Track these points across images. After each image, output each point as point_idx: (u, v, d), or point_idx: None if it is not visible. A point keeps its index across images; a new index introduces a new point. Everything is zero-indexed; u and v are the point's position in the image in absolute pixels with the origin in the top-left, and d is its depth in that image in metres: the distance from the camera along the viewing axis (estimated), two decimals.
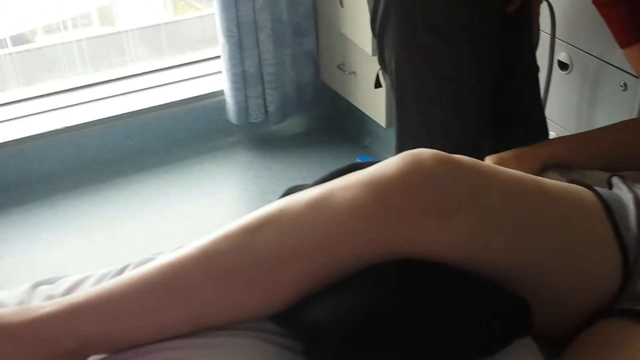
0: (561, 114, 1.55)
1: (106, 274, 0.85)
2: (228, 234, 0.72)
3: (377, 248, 0.70)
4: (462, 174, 0.72)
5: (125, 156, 2.14)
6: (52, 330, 0.68)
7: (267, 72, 2.09)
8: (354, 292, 0.69)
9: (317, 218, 0.71)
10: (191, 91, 2.19)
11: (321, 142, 2.26)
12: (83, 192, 2.03)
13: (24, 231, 1.89)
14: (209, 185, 2.05)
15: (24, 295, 0.82)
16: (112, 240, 1.85)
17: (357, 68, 2.06)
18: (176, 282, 0.70)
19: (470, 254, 0.72)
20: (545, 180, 0.81)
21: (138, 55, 2.33)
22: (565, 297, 0.78)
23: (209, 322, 0.73)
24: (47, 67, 2.25)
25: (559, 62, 1.50)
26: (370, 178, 0.71)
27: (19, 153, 2.00)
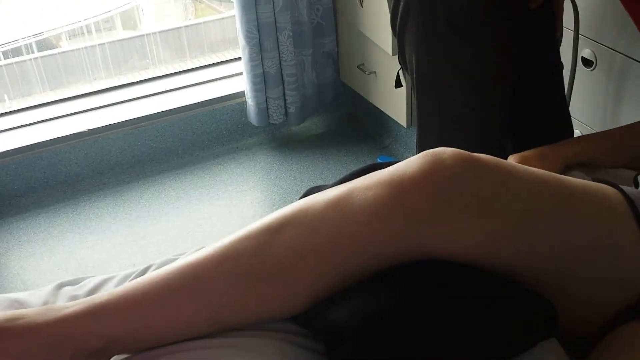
0: (586, 112, 1.53)
1: (129, 274, 0.85)
2: (249, 235, 0.72)
3: (399, 248, 0.70)
4: (484, 173, 0.71)
5: (148, 158, 2.16)
6: (76, 330, 0.68)
7: (287, 73, 2.10)
8: (375, 293, 0.69)
9: (337, 218, 0.70)
10: (212, 93, 2.20)
11: (341, 142, 2.25)
12: (106, 193, 2.05)
13: (49, 231, 1.92)
14: (230, 186, 2.06)
15: (49, 296, 0.82)
16: (134, 240, 1.87)
17: (377, 68, 2.05)
18: (198, 283, 0.71)
19: (492, 254, 0.71)
20: (569, 179, 0.79)
21: (160, 58, 2.35)
22: (591, 298, 0.77)
23: (230, 322, 0.73)
24: (71, 71, 2.28)
25: (583, 59, 1.47)
26: (390, 178, 0.70)
27: (44, 155, 2.03)
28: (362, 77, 2.14)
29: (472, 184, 0.70)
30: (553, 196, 0.75)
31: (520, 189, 0.73)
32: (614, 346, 0.73)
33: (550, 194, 0.75)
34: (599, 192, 0.80)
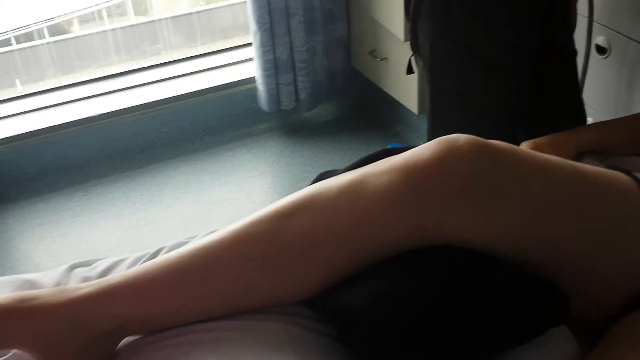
0: (599, 99, 1.52)
1: (141, 257, 0.86)
2: (261, 219, 0.72)
3: (412, 234, 0.70)
4: (498, 160, 0.70)
5: (159, 143, 2.16)
6: (90, 311, 0.69)
7: (298, 59, 2.09)
8: (387, 278, 0.69)
9: (350, 204, 0.70)
10: (223, 79, 2.20)
11: (352, 129, 2.25)
12: (118, 178, 2.06)
13: (61, 215, 1.93)
14: (240, 172, 2.07)
15: (61, 277, 0.83)
16: (145, 225, 1.88)
17: (389, 54, 2.04)
18: (210, 266, 0.71)
19: (505, 241, 0.71)
20: (583, 166, 0.79)
21: (171, 44, 2.35)
22: (602, 286, 0.77)
23: (242, 306, 0.73)
24: (82, 56, 2.29)
25: (597, 47, 1.46)
26: (404, 164, 0.70)
27: (57, 140, 2.04)
28: (373, 63, 2.13)
29: (487, 170, 0.69)
30: (567, 183, 0.74)
31: (534, 175, 0.72)
32: (623, 334, 0.73)
33: (563, 180, 0.74)
34: (613, 178, 0.79)
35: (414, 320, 0.66)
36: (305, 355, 0.69)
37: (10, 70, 2.25)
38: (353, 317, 0.67)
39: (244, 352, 0.69)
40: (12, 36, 2.28)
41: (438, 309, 0.66)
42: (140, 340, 0.73)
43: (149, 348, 0.71)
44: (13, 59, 2.24)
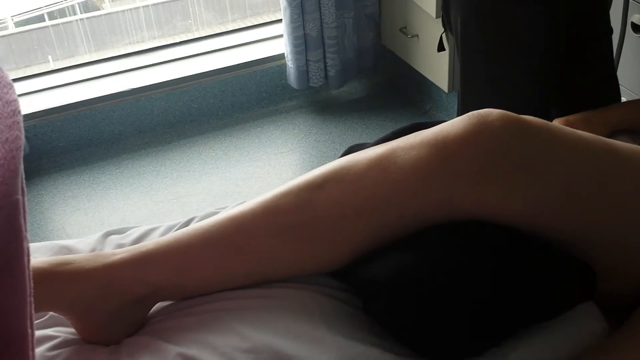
0: (634, 79, 1.49)
1: (173, 225, 0.87)
2: (291, 190, 0.73)
3: (440, 208, 0.70)
4: (531, 136, 0.70)
5: (189, 119, 2.18)
6: (123, 276, 0.71)
7: (328, 35, 2.08)
8: (412, 251, 0.69)
9: (380, 177, 0.70)
10: (253, 55, 2.20)
11: (381, 107, 2.24)
12: (148, 152, 2.09)
13: (93, 188, 1.97)
14: (269, 148, 2.08)
15: (96, 243, 0.85)
16: (175, 199, 1.91)
17: (420, 31, 2.02)
18: (239, 236, 0.72)
19: (534, 216, 0.70)
20: (617, 143, 0.78)
21: (202, 20, 2.36)
22: (634, 263, 0.76)
23: (271, 275, 0.74)
24: (114, 32, 2.31)
25: (633, 25, 1.42)
26: (435, 138, 0.70)
27: (89, 114, 2.07)
28: (404, 40, 2.11)
29: (519, 145, 0.69)
30: (601, 161, 0.74)
31: (566, 151, 0.72)
32: None
33: (598, 158, 0.73)
34: None
35: (438, 293, 0.66)
36: (334, 325, 0.70)
37: (43, 45, 2.29)
38: (378, 289, 0.68)
39: (274, 320, 0.70)
40: (45, 12, 2.30)
41: (462, 282, 0.67)
42: (172, 306, 0.75)
43: (180, 314, 0.73)
44: (46, 35, 2.27)
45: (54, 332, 0.73)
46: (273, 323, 0.69)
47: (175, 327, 0.71)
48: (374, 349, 0.67)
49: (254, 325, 0.68)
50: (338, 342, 0.67)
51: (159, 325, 0.73)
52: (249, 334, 0.67)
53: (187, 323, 0.71)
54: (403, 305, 0.67)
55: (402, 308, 0.67)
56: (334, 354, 0.65)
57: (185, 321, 0.72)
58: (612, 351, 0.69)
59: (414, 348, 0.69)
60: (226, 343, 0.67)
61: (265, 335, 0.67)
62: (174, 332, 0.71)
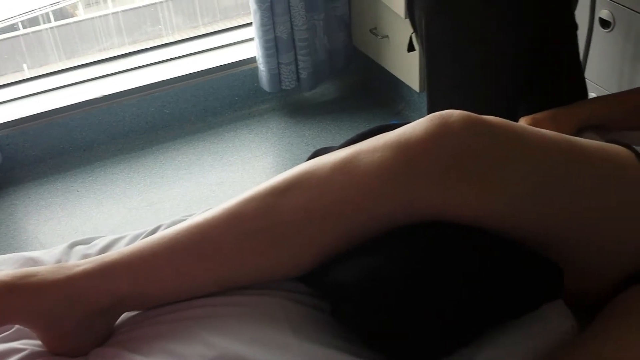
0: (602, 74, 1.50)
1: (139, 234, 0.87)
2: (255, 196, 0.73)
3: (404, 210, 0.70)
4: (492, 136, 0.70)
5: (161, 124, 2.17)
6: (87, 287, 0.70)
7: (299, 37, 2.08)
8: (380, 254, 0.69)
9: (344, 180, 0.70)
10: (224, 59, 2.20)
11: (354, 108, 2.24)
12: (121, 159, 2.07)
13: (66, 196, 1.95)
14: (242, 152, 2.07)
15: (62, 254, 0.84)
16: (149, 205, 1.89)
17: (390, 32, 2.03)
18: (205, 244, 0.72)
19: (499, 216, 0.71)
20: (581, 141, 0.78)
21: (172, 25, 2.35)
22: (601, 261, 0.77)
23: (238, 281, 0.74)
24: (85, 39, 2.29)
25: (601, 20, 1.44)
26: (397, 140, 0.70)
27: (61, 122, 2.05)
28: (374, 41, 2.12)
29: (480, 146, 0.69)
30: (564, 158, 0.74)
31: (529, 151, 0.72)
32: (621, 309, 0.73)
33: (560, 155, 0.74)
34: (612, 152, 0.79)
35: (405, 294, 0.66)
36: (301, 330, 0.70)
37: (16, 54, 2.26)
38: (345, 293, 0.67)
39: (241, 327, 0.70)
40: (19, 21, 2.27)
41: (430, 283, 0.67)
42: (138, 316, 0.75)
43: (147, 323, 0.72)
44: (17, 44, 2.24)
45: (21, 344, 0.73)
46: (240, 330, 0.68)
47: (142, 336, 0.71)
48: (342, 353, 0.67)
49: (221, 333, 0.68)
50: (305, 347, 0.66)
51: (125, 336, 0.72)
52: (215, 342, 0.67)
53: (154, 332, 0.70)
54: (371, 308, 0.67)
55: (370, 311, 0.67)
56: (300, 359, 0.65)
57: (152, 330, 0.71)
58: (581, 349, 0.69)
59: (382, 351, 0.69)
60: (193, 352, 0.66)
61: (231, 343, 0.67)
62: (140, 342, 0.70)
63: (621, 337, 0.67)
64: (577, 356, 0.68)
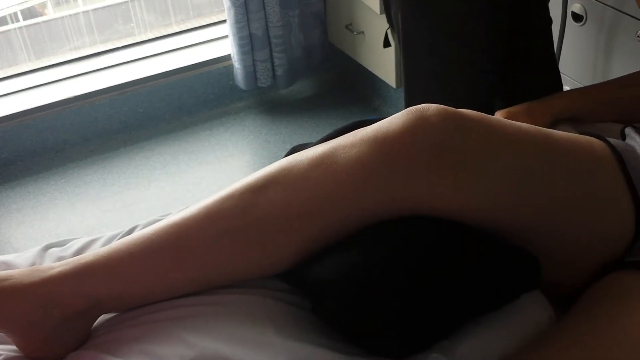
0: (576, 68, 1.52)
1: (115, 235, 0.85)
2: (233, 194, 0.72)
3: (383, 205, 0.70)
4: (468, 129, 0.70)
5: (135, 124, 2.14)
6: (63, 290, 0.69)
7: (274, 34, 2.07)
8: (359, 249, 0.69)
9: (322, 177, 0.70)
10: (199, 57, 2.17)
11: (331, 104, 2.24)
12: (94, 160, 2.04)
13: (38, 199, 1.91)
14: (219, 151, 2.05)
15: (35, 257, 0.82)
16: (124, 206, 1.87)
17: (366, 27, 2.03)
18: (182, 242, 0.71)
19: (477, 209, 0.71)
20: (556, 133, 0.79)
21: (145, 23, 2.31)
22: (577, 251, 0.77)
23: (217, 281, 0.73)
24: (55, 39, 2.25)
25: (573, 14, 1.46)
26: (374, 135, 0.70)
27: (31, 123, 2.01)
28: (350, 37, 2.11)
29: (456, 139, 0.69)
30: (539, 150, 0.75)
31: (505, 143, 0.72)
32: (597, 297, 0.74)
33: (535, 148, 0.75)
34: (586, 144, 0.80)
35: (385, 290, 0.66)
36: (282, 328, 0.69)
37: None
38: (325, 289, 0.67)
39: (221, 326, 0.69)
40: None
41: (409, 278, 0.67)
42: (116, 318, 0.73)
43: (125, 325, 0.71)
44: None
45: None
46: (219, 330, 0.67)
47: (119, 338, 0.70)
48: (323, 350, 0.66)
49: (200, 333, 0.67)
50: (287, 345, 0.66)
51: (103, 338, 0.71)
52: (195, 342, 0.66)
53: (132, 334, 0.69)
54: (352, 304, 0.67)
55: (351, 307, 0.67)
56: (282, 357, 0.65)
57: (129, 332, 0.70)
58: (559, 339, 0.70)
59: (364, 346, 0.68)
60: (172, 352, 0.65)
61: (211, 342, 0.66)
62: (118, 344, 0.69)
63: (595, 325, 0.67)
64: (554, 345, 0.68)
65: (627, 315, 0.67)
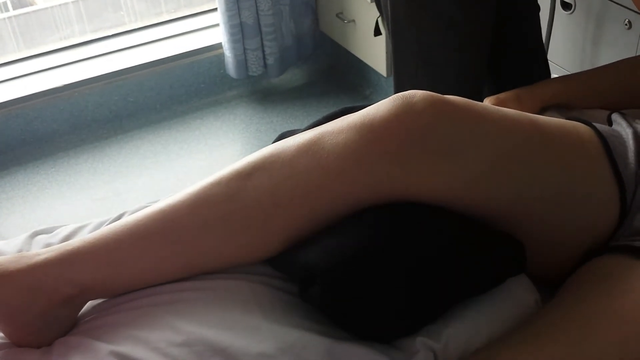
0: (564, 55, 1.53)
1: (103, 222, 0.85)
2: (220, 180, 0.72)
3: (369, 191, 0.70)
4: (454, 115, 0.70)
5: (125, 113, 2.13)
6: (49, 276, 0.68)
7: (265, 23, 2.06)
8: (347, 235, 0.69)
9: (309, 163, 0.70)
10: (189, 45, 2.16)
11: (322, 93, 2.23)
12: (84, 149, 2.03)
13: (28, 188, 1.90)
14: (210, 140, 2.05)
15: (23, 244, 0.82)
16: (115, 195, 1.86)
17: (356, 16, 2.02)
18: (170, 229, 0.71)
19: (462, 195, 0.71)
20: (543, 119, 0.79)
21: (135, 12, 2.30)
22: (562, 236, 0.78)
23: (204, 267, 0.73)
24: (44, 27, 2.23)
25: (562, 2, 1.46)
26: (361, 122, 0.70)
27: (21, 112, 2.00)
28: (341, 26, 2.11)
29: (442, 126, 0.69)
30: (524, 136, 0.75)
31: (491, 129, 0.73)
32: (582, 281, 0.74)
33: (521, 134, 0.75)
34: (572, 130, 0.80)
35: (373, 274, 0.66)
36: (270, 313, 0.69)
37: None
38: (313, 273, 0.67)
39: (208, 312, 0.69)
40: None
41: (395, 262, 0.67)
42: (103, 304, 0.73)
43: (112, 311, 0.71)
44: None
45: None
46: (207, 315, 0.68)
47: (107, 324, 0.70)
48: (311, 334, 0.67)
49: (188, 318, 0.67)
50: (274, 329, 0.66)
51: (90, 324, 0.71)
52: (183, 327, 0.66)
53: (119, 320, 0.69)
54: (339, 289, 0.67)
55: (339, 291, 0.67)
56: (270, 342, 0.65)
57: (117, 318, 0.70)
58: (545, 322, 0.70)
59: (352, 331, 0.69)
60: (159, 338, 0.65)
61: (199, 327, 0.66)
62: (105, 330, 0.69)
63: (579, 309, 0.68)
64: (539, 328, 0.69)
65: (612, 299, 0.68)
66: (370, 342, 0.68)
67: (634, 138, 0.81)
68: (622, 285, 0.69)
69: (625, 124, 0.85)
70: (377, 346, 0.67)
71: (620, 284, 0.69)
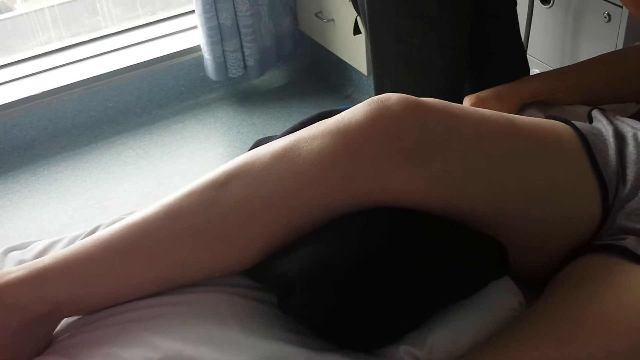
0: (544, 50, 1.52)
1: (77, 236, 0.83)
2: (194, 191, 0.71)
3: (346, 197, 0.69)
4: (431, 118, 0.70)
5: (105, 119, 2.11)
6: (21, 295, 0.67)
7: (243, 24, 2.04)
8: (324, 243, 0.68)
9: (284, 170, 0.69)
10: (168, 48, 2.14)
11: (303, 93, 2.22)
12: (65, 157, 2.01)
13: (8, 198, 1.88)
14: (191, 144, 2.03)
15: None
16: (96, 203, 1.84)
17: (335, 15, 2.01)
18: (143, 242, 0.69)
19: (441, 198, 0.70)
20: (521, 118, 0.79)
21: (112, 16, 2.27)
22: (544, 237, 0.77)
23: (180, 280, 0.72)
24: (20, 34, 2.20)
25: None
26: (336, 127, 0.69)
27: None
28: (320, 25, 2.10)
29: (419, 129, 0.68)
30: (502, 137, 0.74)
31: (468, 131, 0.72)
32: (566, 280, 0.74)
33: (499, 134, 0.74)
34: (550, 129, 0.79)
35: (353, 282, 0.65)
36: (248, 326, 0.68)
37: None
38: (292, 283, 0.66)
39: (186, 327, 0.67)
40: None
41: (376, 270, 0.66)
42: (79, 321, 0.72)
43: (88, 328, 0.70)
44: None
45: None
46: (185, 330, 0.66)
47: (82, 342, 0.68)
48: (290, 346, 0.65)
49: (165, 333, 0.66)
50: (252, 342, 0.65)
51: (66, 342, 0.69)
52: (160, 344, 0.65)
53: (95, 337, 0.68)
54: (319, 298, 0.66)
55: (318, 301, 0.66)
56: (249, 355, 0.64)
57: (93, 336, 0.68)
58: (530, 324, 0.69)
59: (333, 340, 0.68)
60: (136, 355, 0.64)
61: (176, 343, 0.64)
62: (81, 347, 0.67)
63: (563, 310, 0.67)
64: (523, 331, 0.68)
65: (597, 299, 0.67)
66: (352, 352, 0.67)
67: (614, 135, 0.80)
68: (607, 285, 0.68)
69: (605, 121, 0.85)
70: (360, 356, 0.66)
71: (605, 283, 0.69)
